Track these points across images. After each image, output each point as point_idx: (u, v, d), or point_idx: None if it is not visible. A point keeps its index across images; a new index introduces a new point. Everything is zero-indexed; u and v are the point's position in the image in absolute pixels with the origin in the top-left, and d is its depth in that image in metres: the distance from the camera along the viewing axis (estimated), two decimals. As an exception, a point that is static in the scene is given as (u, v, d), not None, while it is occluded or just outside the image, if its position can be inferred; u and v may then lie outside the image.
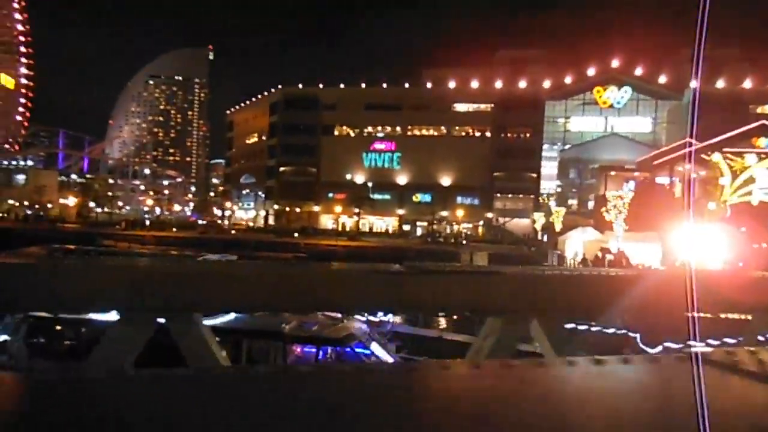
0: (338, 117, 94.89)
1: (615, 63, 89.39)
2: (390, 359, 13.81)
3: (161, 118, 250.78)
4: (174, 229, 70.31)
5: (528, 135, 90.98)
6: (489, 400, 2.31)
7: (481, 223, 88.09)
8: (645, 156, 62.43)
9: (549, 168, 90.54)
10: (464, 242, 60.50)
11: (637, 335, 17.66)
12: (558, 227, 50.77)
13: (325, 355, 12.67)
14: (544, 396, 2.55)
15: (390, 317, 17.43)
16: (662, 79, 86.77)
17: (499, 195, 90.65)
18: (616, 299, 6.47)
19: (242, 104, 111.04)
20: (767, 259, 32.42)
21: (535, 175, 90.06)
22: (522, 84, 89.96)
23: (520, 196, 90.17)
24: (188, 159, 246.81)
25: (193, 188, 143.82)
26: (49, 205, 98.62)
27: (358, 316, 15.60)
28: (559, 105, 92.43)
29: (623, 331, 17.97)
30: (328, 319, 13.75)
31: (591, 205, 65.82)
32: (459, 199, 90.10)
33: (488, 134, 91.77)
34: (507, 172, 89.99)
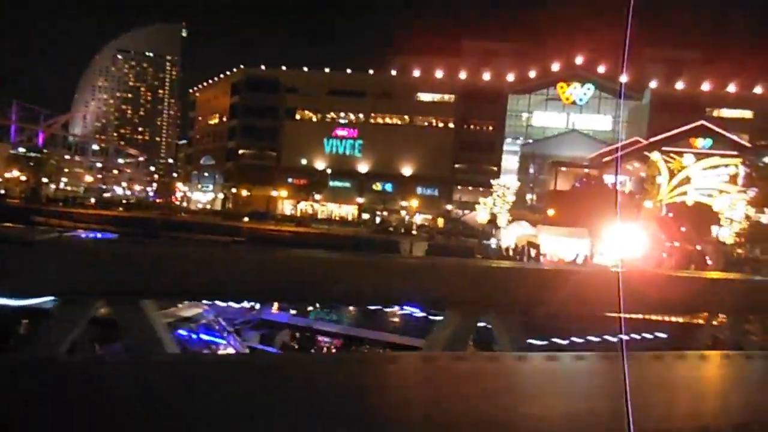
0: (301, 101, 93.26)
1: (579, 60, 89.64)
2: (235, 348, 13.10)
3: (130, 95, 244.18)
4: (120, 209, 68.28)
5: (490, 128, 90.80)
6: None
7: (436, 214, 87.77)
8: (596, 153, 62.77)
9: (511, 162, 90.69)
10: (413, 232, 60.08)
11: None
12: (485, 220, 50.72)
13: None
14: None
15: (257, 305, 16.69)
16: (624, 79, 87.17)
17: (459, 187, 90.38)
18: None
19: (205, 83, 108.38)
20: (684, 257, 32.63)
21: (495, 168, 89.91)
22: (486, 76, 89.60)
23: (480, 189, 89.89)
24: (157, 138, 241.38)
25: (153, 168, 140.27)
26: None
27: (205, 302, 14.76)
28: (522, 99, 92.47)
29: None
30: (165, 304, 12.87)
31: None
32: (419, 190, 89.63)
33: (451, 125, 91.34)
34: (468, 165, 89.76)
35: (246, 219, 67.36)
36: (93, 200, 75.94)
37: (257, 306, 16.48)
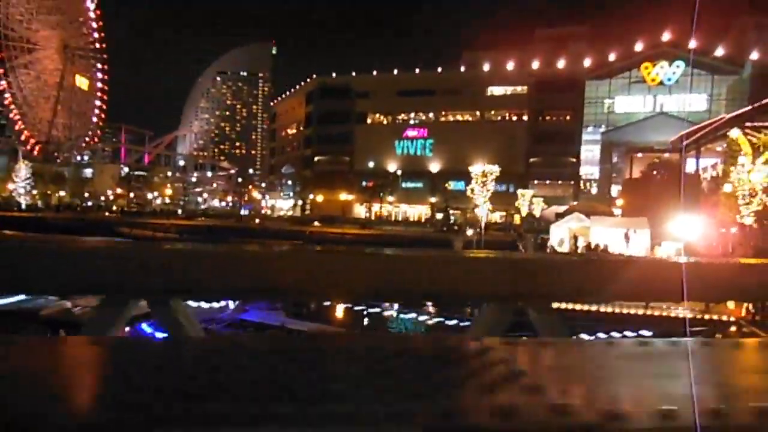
0: (371, 105, 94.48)
1: (666, 36, 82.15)
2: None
3: (228, 113, 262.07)
4: (202, 218, 73.41)
5: (567, 117, 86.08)
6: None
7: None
8: (677, 135, 56.91)
9: (592, 152, 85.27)
10: (479, 230, 58.27)
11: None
12: (525, 212, 47.83)
13: None
14: None
15: (229, 304, 16.89)
16: (719, 52, 78.70)
17: (536, 182, 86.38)
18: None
19: (283, 95, 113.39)
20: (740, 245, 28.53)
21: (574, 159, 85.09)
22: (561, 64, 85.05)
23: (559, 182, 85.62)
24: (253, 152, 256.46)
25: (241, 179, 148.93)
26: (111, 196, 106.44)
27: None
28: (602, 85, 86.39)
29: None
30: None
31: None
32: (493, 186, 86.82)
33: (525, 118, 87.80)
34: (544, 158, 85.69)
35: (317, 223, 69.40)
36: (180, 211, 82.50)
37: (231, 305, 16.78)
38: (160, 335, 14.04)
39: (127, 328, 13.69)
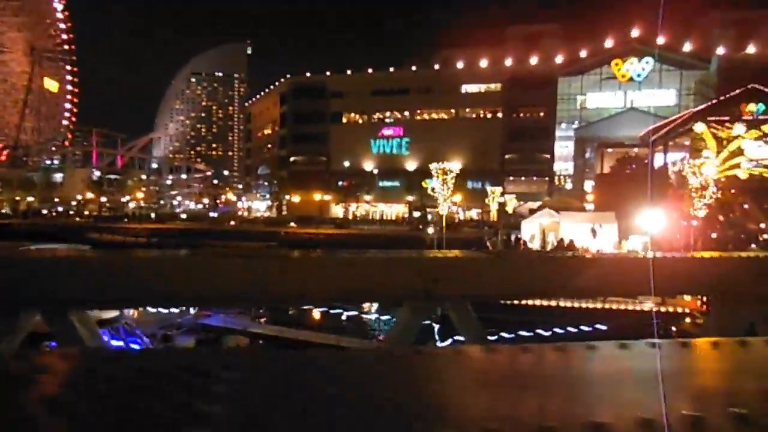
0: (346, 104, 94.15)
1: (635, 32, 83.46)
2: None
3: (203, 114, 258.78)
4: (178, 222, 72.34)
5: (541, 114, 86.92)
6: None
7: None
8: (645, 130, 57.93)
9: (568, 148, 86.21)
10: (440, 228, 58.66)
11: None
12: (495, 209, 48.33)
13: None
14: None
15: (192, 309, 16.52)
16: (686, 48, 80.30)
17: (511, 178, 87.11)
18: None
19: (258, 95, 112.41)
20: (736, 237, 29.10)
21: (548, 156, 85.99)
22: (534, 61, 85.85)
23: (534, 178, 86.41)
24: (230, 153, 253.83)
25: (216, 181, 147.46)
26: (82, 200, 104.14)
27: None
28: (574, 81, 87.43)
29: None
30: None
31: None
32: (470, 184, 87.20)
33: (499, 115, 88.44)
34: (519, 154, 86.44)
35: (292, 224, 68.93)
36: (153, 215, 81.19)
37: (192, 311, 16.43)
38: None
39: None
